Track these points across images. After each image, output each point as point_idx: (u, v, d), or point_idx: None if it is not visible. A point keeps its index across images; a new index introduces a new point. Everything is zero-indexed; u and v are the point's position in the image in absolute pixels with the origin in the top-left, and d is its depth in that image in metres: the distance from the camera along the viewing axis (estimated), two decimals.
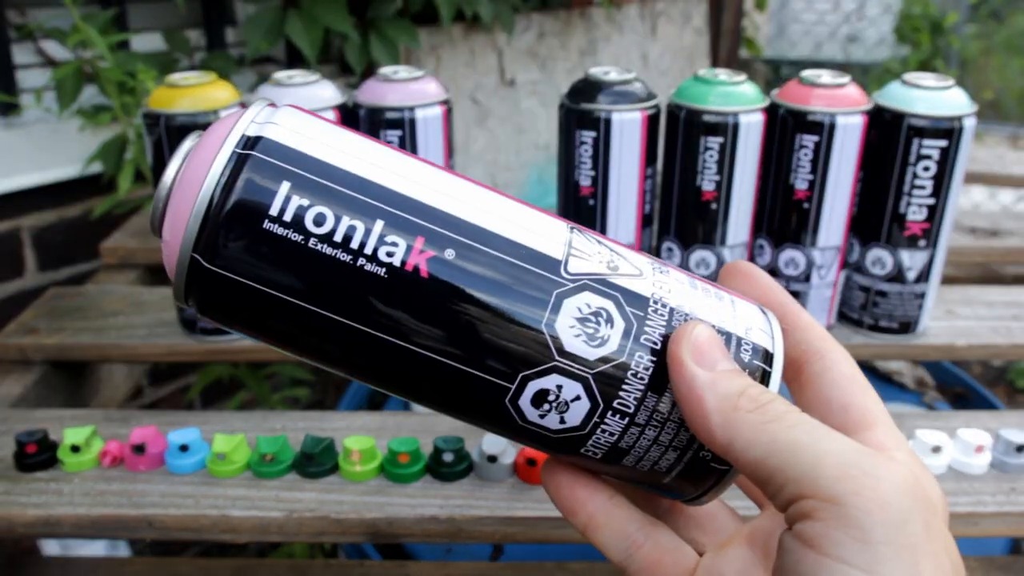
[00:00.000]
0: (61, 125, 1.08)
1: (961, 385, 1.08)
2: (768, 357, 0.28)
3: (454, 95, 0.65)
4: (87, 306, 0.70)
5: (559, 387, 0.26)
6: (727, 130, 0.58)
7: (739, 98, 0.58)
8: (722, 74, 0.60)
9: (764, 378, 0.27)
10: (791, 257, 0.63)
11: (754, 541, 0.30)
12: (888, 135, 0.59)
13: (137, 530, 0.47)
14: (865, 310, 0.65)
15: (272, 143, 0.25)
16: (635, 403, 0.26)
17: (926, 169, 0.59)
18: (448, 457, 0.49)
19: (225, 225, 0.24)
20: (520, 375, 0.26)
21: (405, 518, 0.47)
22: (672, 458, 0.27)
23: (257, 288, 0.25)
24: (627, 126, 0.58)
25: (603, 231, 0.61)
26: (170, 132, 0.58)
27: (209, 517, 0.47)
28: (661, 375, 0.26)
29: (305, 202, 0.24)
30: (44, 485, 0.49)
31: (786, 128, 0.60)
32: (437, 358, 0.25)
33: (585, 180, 0.60)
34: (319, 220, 0.24)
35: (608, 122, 0.58)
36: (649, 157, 0.60)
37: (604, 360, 0.26)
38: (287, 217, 0.24)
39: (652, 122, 0.59)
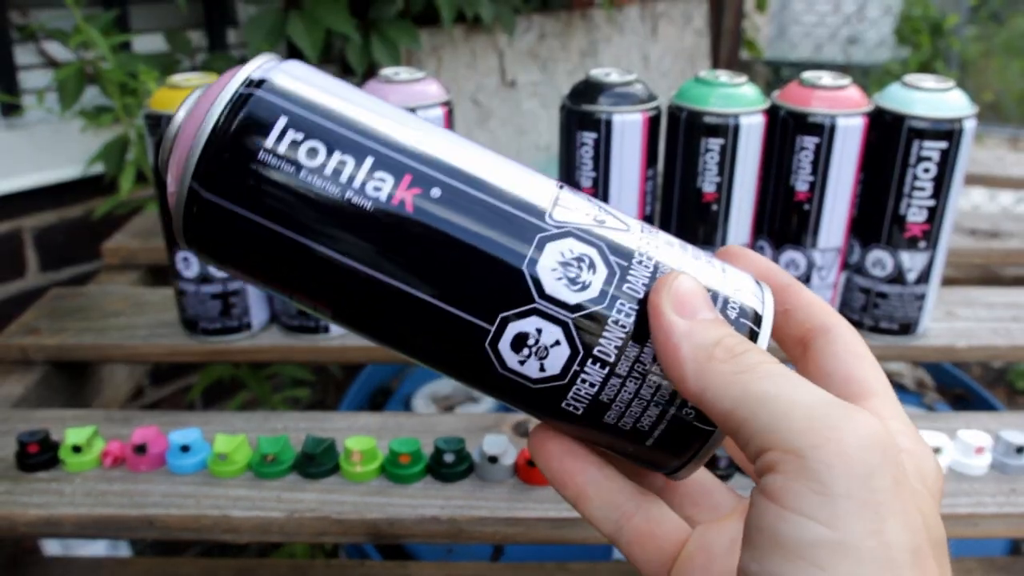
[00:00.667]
0: (63, 126, 1.08)
1: (961, 386, 1.08)
2: (757, 318, 0.28)
3: (455, 96, 0.66)
4: (88, 306, 0.70)
5: (539, 330, 0.26)
6: (728, 132, 0.58)
7: (740, 100, 0.59)
8: (723, 76, 0.60)
9: (751, 338, 0.27)
10: (792, 258, 0.63)
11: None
12: (888, 137, 0.59)
13: (138, 530, 0.48)
14: (865, 311, 0.65)
15: (274, 85, 0.26)
16: (615, 352, 0.26)
17: (926, 171, 0.59)
18: (449, 458, 0.50)
19: (222, 153, 0.25)
20: (500, 315, 0.26)
21: (406, 519, 0.47)
22: (654, 415, 0.27)
23: (250, 218, 0.25)
24: (628, 127, 0.58)
25: None
26: None
27: (210, 517, 0.47)
28: (643, 326, 0.26)
29: (300, 136, 0.25)
30: (46, 485, 0.49)
31: (787, 130, 0.60)
32: (420, 296, 0.26)
33: (586, 181, 0.60)
34: (312, 153, 0.25)
35: (609, 123, 0.58)
36: (650, 158, 0.60)
37: (584, 306, 0.26)
38: (281, 149, 0.25)
39: (653, 124, 0.59)
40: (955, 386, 1.08)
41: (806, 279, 0.63)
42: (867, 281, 0.64)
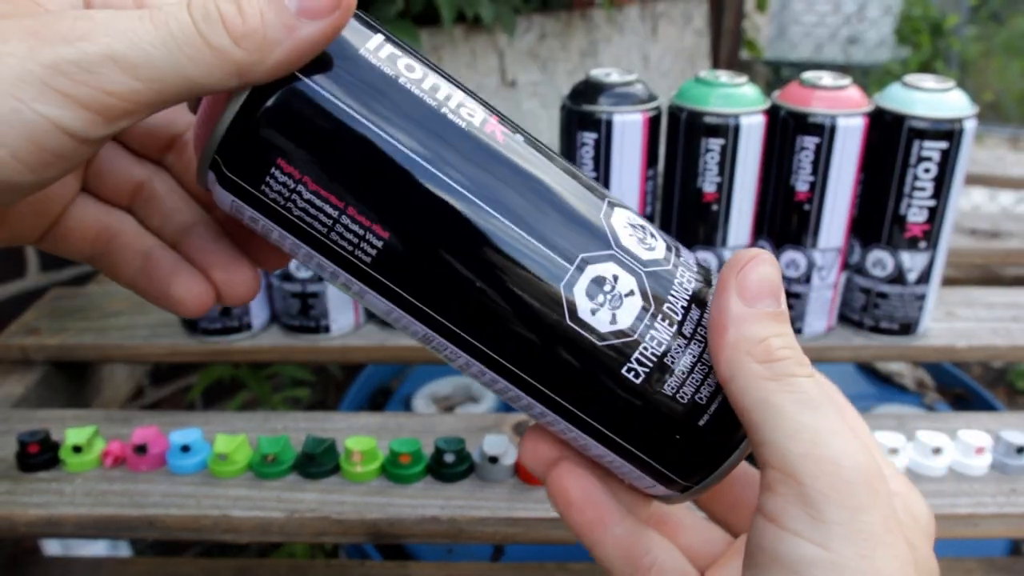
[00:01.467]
0: None
1: (961, 386, 1.08)
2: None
3: None
4: (89, 306, 0.70)
5: (615, 277, 0.26)
6: (728, 132, 0.58)
7: (740, 100, 0.59)
8: (723, 76, 0.60)
9: None
10: (792, 258, 0.63)
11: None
12: (889, 137, 0.59)
13: (139, 530, 0.48)
14: (866, 311, 0.65)
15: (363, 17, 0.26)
16: (682, 311, 0.27)
17: (926, 171, 0.59)
18: (449, 458, 0.50)
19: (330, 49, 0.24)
20: (580, 256, 0.26)
21: (406, 519, 0.47)
22: (711, 389, 0.27)
23: (349, 110, 0.24)
24: (628, 128, 0.58)
25: None
26: None
27: (210, 517, 0.47)
28: (702, 293, 0.27)
29: (398, 52, 0.25)
30: (46, 485, 0.49)
31: (787, 130, 0.60)
32: (504, 221, 0.25)
33: None
34: (410, 68, 0.25)
35: (609, 124, 0.58)
36: (650, 159, 0.60)
37: (654, 262, 0.27)
38: (382, 54, 0.25)
39: (653, 124, 0.59)
40: (955, 386, 1.08)
41: (806, 279, 0.63)
42: (867, 281, 0.64)
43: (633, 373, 0.26)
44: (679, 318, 0.26)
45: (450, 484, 0.50)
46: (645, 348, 0.26)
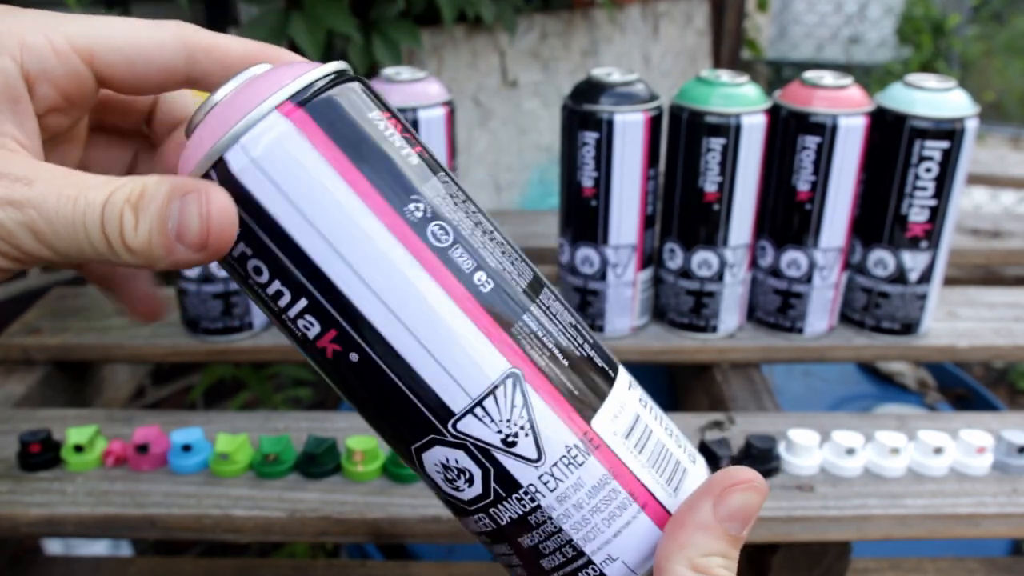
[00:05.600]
0: None
1: (963, 386, 1.08)
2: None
3: (456, 96, 0.66)
4: (90, 306, 0.70)
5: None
6: (729, 131, 0.58)
7: (741, 99, 0.58)
8: (724, 75, 0.60)
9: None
10: (793, 258, 0.63)
11: None
12: (890, 136, 0.59)
13: (140, 530, 0.48)
14: (867, 311, 0.65)
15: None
16: (476, 533, 0.28)
17: (928, 170, 0.59)
18: None
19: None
20: (412, 446, 0.27)
21: (407, 518, 0.47)
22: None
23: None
24: (629, 127, 0.58)
25: (606, 232, 0.61)
26: None
27: (212, 517, 0.47)
28: (497, 537, 0.27)
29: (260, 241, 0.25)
30: (48, 485, 0.49)
31: (788, 129, 0.60)
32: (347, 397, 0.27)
33: (588, 181, 0.60)
34: (258, 270, 0.25)
35: (611, 123, 0.58)
36: (652, 158, 0.60)
37: (451, 498, 0.27)
38: (236, 253, 0.25)
39: (654, 123, 0.59)
40: (957, 386, 1.08)
41: (808, 279, 0.63)
42: (869, 281, 0.64)
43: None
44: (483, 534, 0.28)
45: None
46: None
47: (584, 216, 0.61)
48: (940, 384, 1.09)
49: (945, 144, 0.58)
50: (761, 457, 0.50)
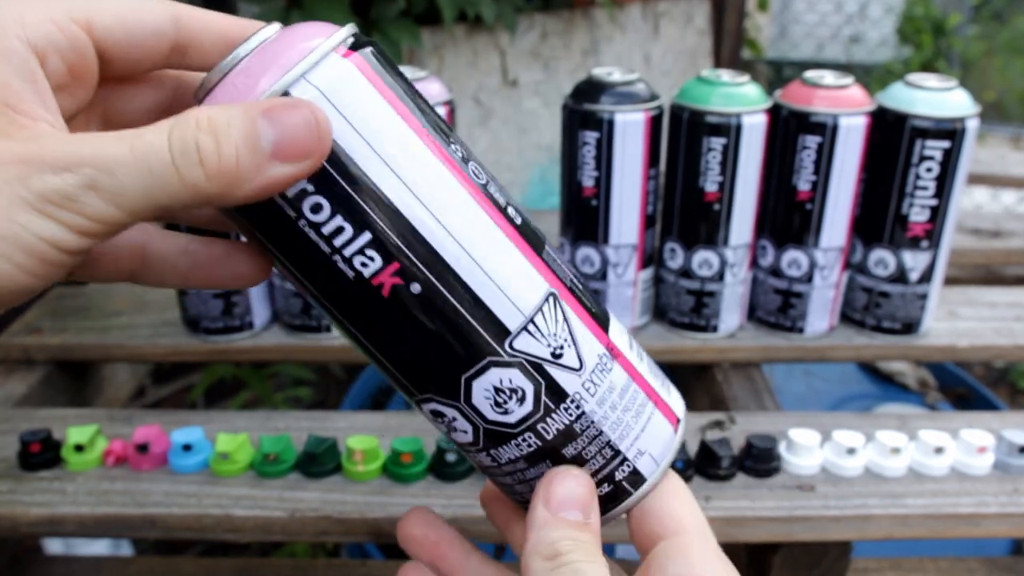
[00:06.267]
0: None
1: (963, 386, 1.08)
2: (638, 480, 0.30)
3: (457, 96, 0.66)
4: (91, 306, 0.70)
5: (454, 418, 0.28)
6: (730, 131, 0.58)
7: (742, 99, 0.58)
8: (725, 75, 0.60)
9: (616, 497, 0.30)
10: (794, 258, 0.63)
11: None
12: (891, 136, 0.59)
13: (140, 529, 0.48)
14: (868, 311, 0.65)
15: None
16: (510, 460, 0.30)
17: (928, 170, 0.59)
18: (451, 457, 0.50)
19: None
20: (425, 394, 0.28)
21: None
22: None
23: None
24: (630, 127, 0.58)
25: (606, 232, 0.61)
26: None
27: (212, 516, 0.47)
28: (535, 457, 0.29)
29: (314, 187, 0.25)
30: (48, 484, 0.49)
31: (789, 129, 0.60)
32: (376, 353, 0.28)
33: (588, 181, 0.60)
34: (316, 208, 0.25)
35: (611, 123, 0.58)
36: (652, 158, 0.60)
37: (498, 423, 0.28)
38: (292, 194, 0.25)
39: (655, 123, 0.59)
40: (957, 386, 1.08)
41: (808, 278, 0.63)
42: (869, 281, 0.64)
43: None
44: (503, 462, 0.30)
45: (452, 483, 0.50)
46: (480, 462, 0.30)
47: (585, 216, 0.61)
48: (941, 384, 1.09)
49: (946, 144, 0.58)
50: (762, 457, 0.50)
